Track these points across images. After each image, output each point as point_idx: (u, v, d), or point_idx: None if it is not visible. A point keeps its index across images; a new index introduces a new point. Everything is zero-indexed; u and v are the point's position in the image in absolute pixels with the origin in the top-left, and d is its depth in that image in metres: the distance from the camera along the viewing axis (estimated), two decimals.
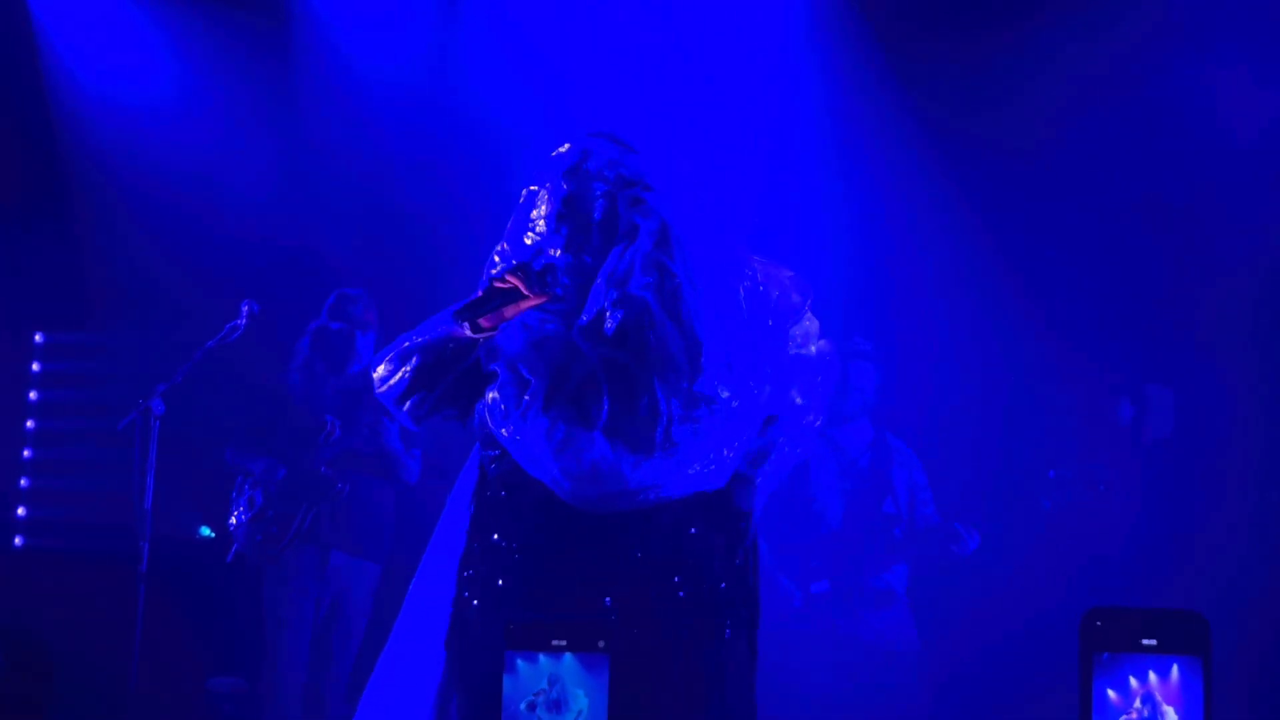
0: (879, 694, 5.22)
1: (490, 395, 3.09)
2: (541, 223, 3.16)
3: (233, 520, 5.72)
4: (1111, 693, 1.82)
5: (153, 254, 6.86)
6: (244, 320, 5.53)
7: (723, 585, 3.07)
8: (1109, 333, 5.93)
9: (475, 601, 3.06)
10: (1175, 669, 1.82)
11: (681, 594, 3.02)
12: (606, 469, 2.96)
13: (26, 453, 7.49)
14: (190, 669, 6.27)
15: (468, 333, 3.09)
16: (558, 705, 2.18)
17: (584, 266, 3.11)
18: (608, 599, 2.96)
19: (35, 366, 7.57)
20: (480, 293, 3.10)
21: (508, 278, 3.05)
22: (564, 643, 2.21)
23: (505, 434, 3.05)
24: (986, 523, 5.50)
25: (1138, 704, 1.81)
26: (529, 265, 3.07)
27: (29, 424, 7.52)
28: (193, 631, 6.31)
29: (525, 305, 3.07)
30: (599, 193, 3.11)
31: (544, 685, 2.19)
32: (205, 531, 6.65)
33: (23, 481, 7.46)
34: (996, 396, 6.03)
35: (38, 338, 7.58)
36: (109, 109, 7.06)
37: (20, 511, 7.43)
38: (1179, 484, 5.64)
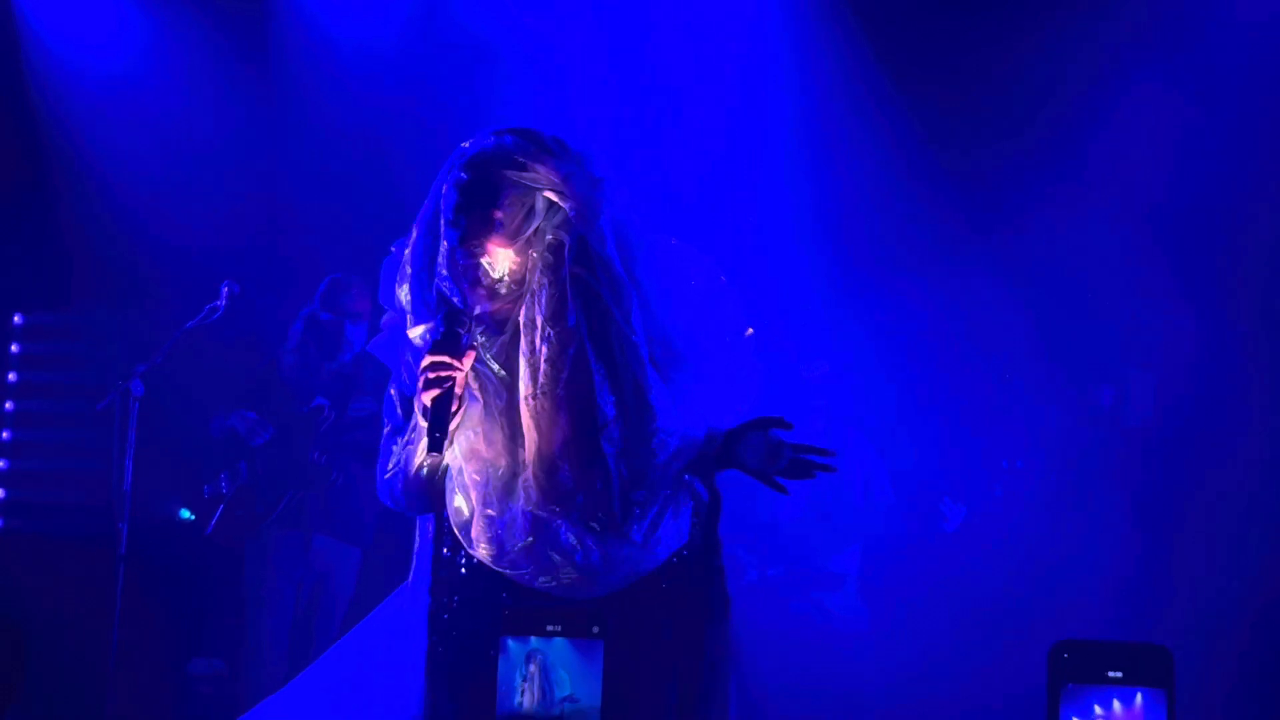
0: (827, 675, 5.25)
1: (453, 503, 2.98)
2: (443, 216, 2.94)
3: (208, 491, 5.68)
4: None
5: (132, 235, 6.82)
6: (223, 301, 5.53)
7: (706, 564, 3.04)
8: (1090, 318, 5.94)
9: (442, 648, 3.01)
10: (1140, 699, 1.87)
11: (664, 584, 2.98)
12: (581, 574, 2.87)
13: (5, 434, 7.46)
14: (169, 652, 6.26)
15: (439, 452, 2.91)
16: (540, 686, 2.19)
17: (490, 268, 2.91)
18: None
19: (14, 348, 7.53)
20: (428, 417, 2.86)
21: (450, 375, 2.84)
22: (558, 628, 2.22)
23: (478, 551, 2.95)
24: (949, 504, 5.52)
25: None
26: (443, 347, 2.86)
27: (7, 405, 7.48)
28: (172, 614, 6.30)
29: (469, 362, 2.91)
30: (504, 188, 2.88)
31: (525, 664, 2.20)
32: (185, 514, 6.63)
33: (1, 463, 7.44)
34: (974, 382, 6.03)
35: (16, 319, 7.55)
36: (88, 89, 7.01)
37: None
38: (1158, 469, 5.65)
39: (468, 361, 2.89)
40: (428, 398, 2.84)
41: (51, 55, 7.04)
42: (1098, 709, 1.86)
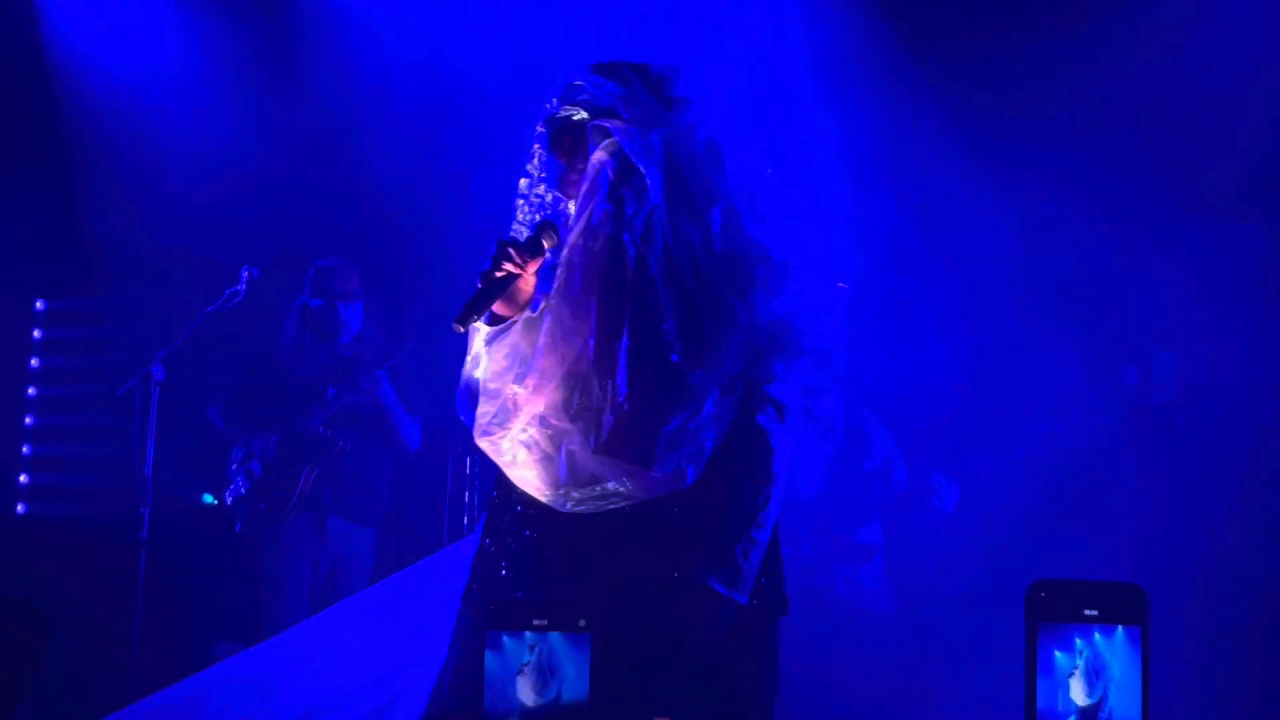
0: (853, 651, 5.25)
1: (480, 409, 2.94)
2: (536, 162, 3.04)
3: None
4: (1059, 655, 1.89)
5: (153, 220, 6.84)
6: (244, 286, 5.56)
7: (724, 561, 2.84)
8: (1114, 297, 5.91)
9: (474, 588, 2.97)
10: (1116, 637, 1.89)
11: (676, 574, 2.82)
12: (584, 476, 2.81)
13: (28, 419, 7.50)
14: (191, 635, 6.28)
15: (484, 326, 2.93)
16: (541, 671, 2.18)
17: (570, 210, 2.98)
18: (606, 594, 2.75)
19: (37, 333, 7.57)
20: (478, 288, 2.90)
21: (504, 266, 2.89)
22: (545, 622, 2.20)
23: (492, 450, 2.92)
24: (968, 484, 5.51)
25: (1079, 671, 1.88)
26: (514, 241, 2.93)
27: (31, 391, 7.52)
28: (194, 597, 6.32)
29: (530, 274, 2.93)
30: (581, 136, 2.95)
31: (528, 658, 2.19)
32: (207, 498, 6.65)
33: (25, 448, 7.47)
34: (1001, 360, 6.01)
35: (39, 304, 7.58)
36: (109, 75, 7.03)
37: (22, 478, 7.44)
38: (1183, 448, 5.63)
39: (531, 267, 2.92)
40: (483, 275, 2.90)
41: (72, 43, 7.05)
42: (1078, 642, 1.90)
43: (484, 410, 2.90)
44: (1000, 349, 6.01)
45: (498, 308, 2.92)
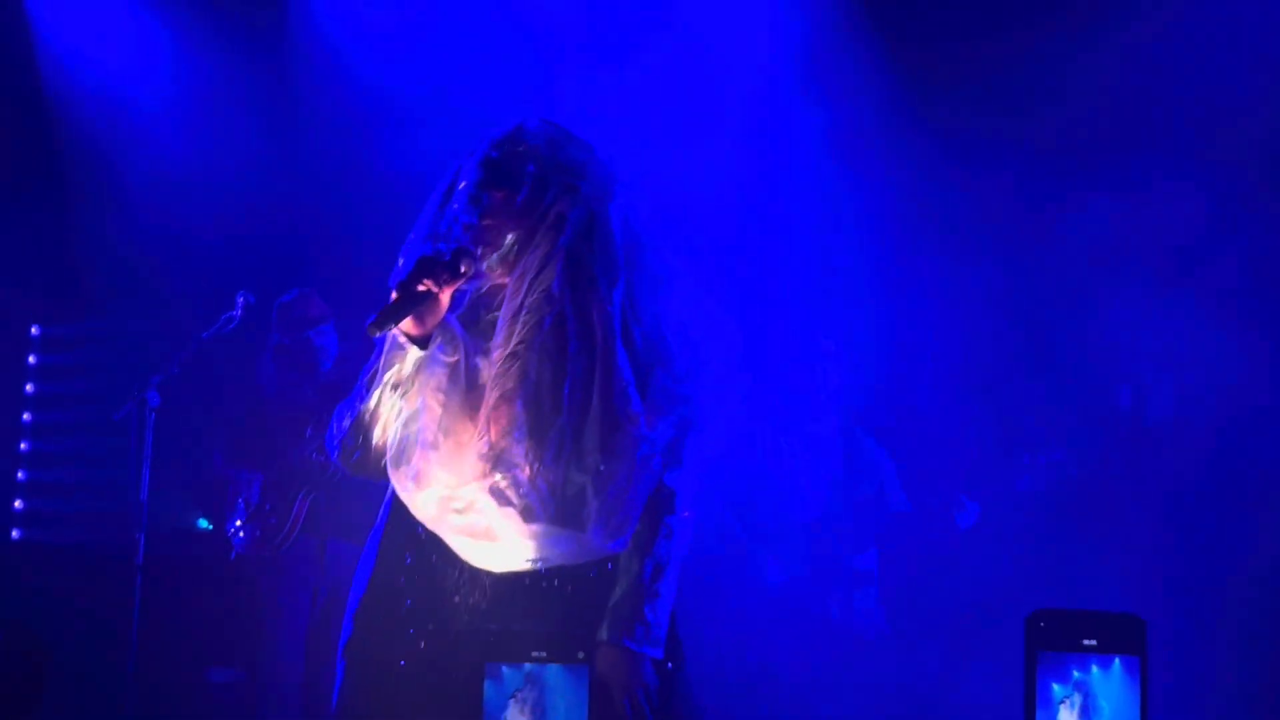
0: (846, 678, 5.24)
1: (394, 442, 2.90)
2: (461, 189, 2.95)
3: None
4: (1055, 686, 1.91)
5: (148, 246, 6.85)
6: (239, 311, 5.55)
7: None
8: (1107, 316, 5.92)
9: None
10: (1114, 667, 1.92)
11: (589, 633, 2.75)
12: (495, 535, 2.76)
13: (23, 445, 7.49)
14: (188, 660, 6.27)
15: (414, 350, 2.88)
16: (537, 707, 2.18)
17: (503, 245, 2.91)
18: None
19: (32, 359, 7.57)
20: (394, 297, 2.84)
21: (425, 282, 2.82)
22: (544, 654, 2.19)
23: (408, 496, 2.88)
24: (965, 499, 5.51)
25: (1076, 698, 1.90)
26: (439, 260, 2.85)
27: (25, 417, 7.52)
28: (190, 623, 6.31)
29: (446, 297, 2.87)
30: (529, 171, 2.90)
31: (522, 685, 2.19)
32: (202, 523, 6.64)
33: (20, 474, 7.47)
34: (992, 382, 6.02)
35: (34, 330, 7.58)
36: (104, 100, 7.04)
37: (17, 504, 7.43)
38: (1179, 469, 5.63)
39: (446, 292, 2.85)
40: (402, 285, 2.83)
41: (66, 67, 7.07)
42: (1075, 673, 1.92)
43: (419, 456, 2.84)
44: (994, 371, 6.02)
45: (406, 323, 2.87)
